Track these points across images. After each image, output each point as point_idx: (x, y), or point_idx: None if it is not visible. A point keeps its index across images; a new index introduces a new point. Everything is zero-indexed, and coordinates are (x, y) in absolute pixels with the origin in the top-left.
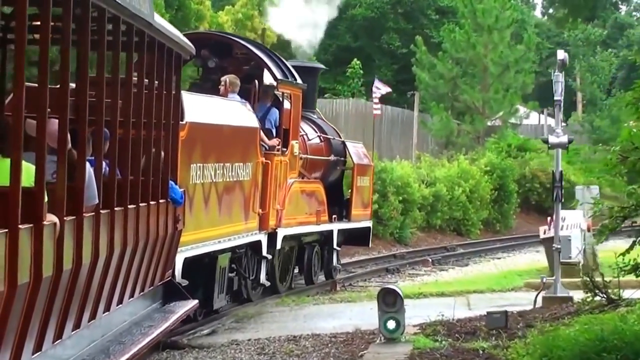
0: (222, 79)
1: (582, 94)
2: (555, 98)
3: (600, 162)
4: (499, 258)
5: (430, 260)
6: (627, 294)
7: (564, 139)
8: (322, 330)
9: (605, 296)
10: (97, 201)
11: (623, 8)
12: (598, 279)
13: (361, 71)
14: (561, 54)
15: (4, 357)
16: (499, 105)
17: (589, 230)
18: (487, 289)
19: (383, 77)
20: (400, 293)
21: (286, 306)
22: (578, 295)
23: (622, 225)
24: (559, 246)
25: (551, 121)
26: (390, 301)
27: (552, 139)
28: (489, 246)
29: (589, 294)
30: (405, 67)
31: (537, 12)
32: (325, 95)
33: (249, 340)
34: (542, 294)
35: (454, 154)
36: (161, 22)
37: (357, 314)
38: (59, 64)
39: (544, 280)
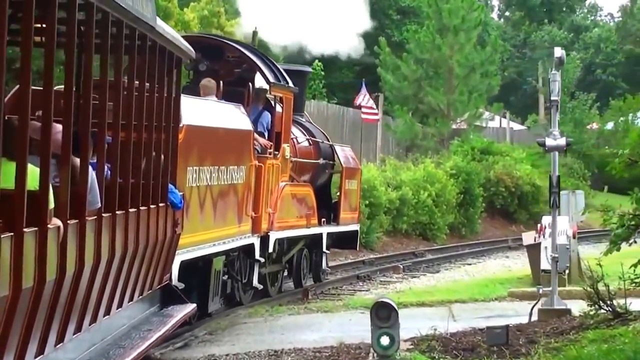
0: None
1: (545, 96)
2: (552, 98)
3: (564, 165)
4: (470, 264)
5: (401, 266)
6: (632, 306)
7: (562, 141)
8: (303, 343)
9: (611, 309)
10: (99, 205)
11: (579, 11)
12: (584, 287)
13: (322, 73)
14: (558, 52)
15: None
16: (464, 108)
17: (574, 236)
18: (470, 299)
19: (345, 79)
20: (395, 307)
21: (259, 316)
22: (572, 305)
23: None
24: (556, 255)
25: (513, 124)
26: (384, 315)
27: (549, 142)
28: (457, 252)
29: (592, 307)
30: (368, 69)
31: (494, 15)
32: None
33: (227, 355)
34: (538, 305)
35: (418, 157)
36: (163, 25)
37: (337, 325)
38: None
39: (540, 291)
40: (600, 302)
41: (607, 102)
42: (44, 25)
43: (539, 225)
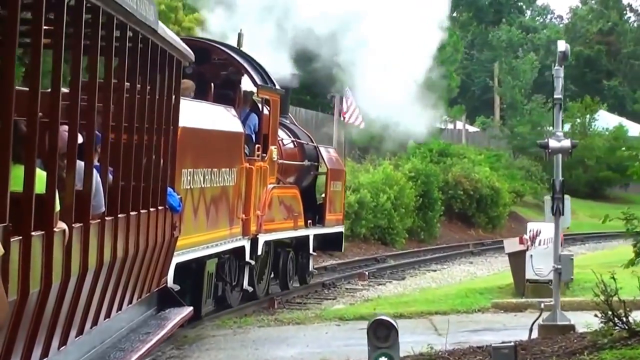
0: None
1: (501, 97)
2: (555, 96)
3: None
4: (434, 270)
5: (366, 273)
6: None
7: (566, 143)
8: None
9: (627, 327)
10: (104, 209)
11: (528, 12)
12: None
13: None
14: (562, 45)
15: None
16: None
17: (561, 244)
18: (451, 310)
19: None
20: (395, 325)
21: (228, 329)
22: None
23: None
24: (559, 266)
25: (467, 126)
26: (382, 334)
27: (553, 143)
28: (419, 257)
29: (606, 324)
30: (324, 68)
31: None
32: None
33: None
34: (539, 321)
35: (375, 158)
36: (164, 28)
37: (313, 339)
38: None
39: (542, 305)
40: (615, 318)
41: (545, 103)
42: (51, 27)
43: (530, 232)
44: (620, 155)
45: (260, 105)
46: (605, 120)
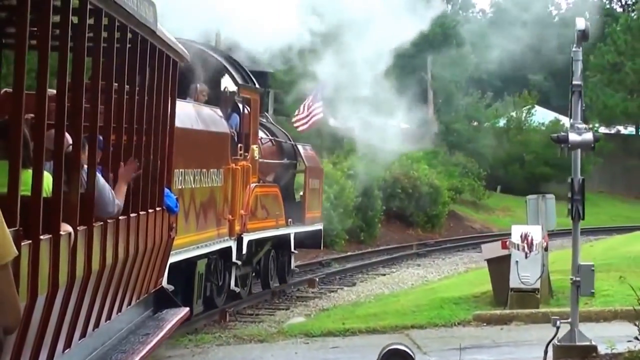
0: None
1: (434, 90)
2: (574, 82)
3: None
4: (383, 274)
5: (317, 280)
6: None
7: (588, 136)
8: None
9: None
10: (110, 209)
11: (449, 7)
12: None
13: None
14: (581, 23)
15: None
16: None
17: (545, 249)
18: (428, 323)
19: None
20: (413, 355)
21: (184, 348)
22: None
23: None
24: (577, 278)
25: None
26: None
27: (574, 137)
28: (363, 261)
29: None
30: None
31: None
32: None
33: None
34: (555, 341)
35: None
36: (162, 29)
37: None
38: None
39: (558, 323)
40: None
41: (481, 99)
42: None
43: (522, 236)
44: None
45: (240, 105)
46: (541, 115)
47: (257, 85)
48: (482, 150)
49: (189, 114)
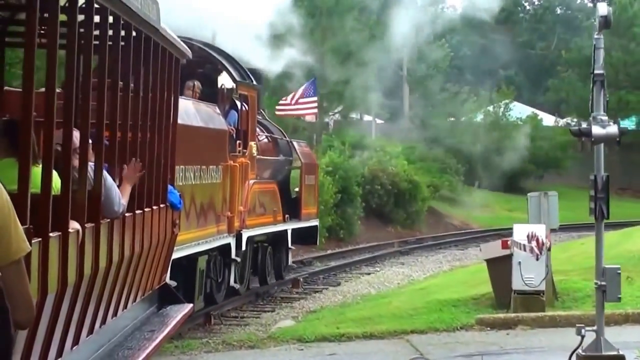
0: None
1: (411, 86)
2: (596, 71)
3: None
4: (368, 274)
5: (300, 280)
6: None
7: (613, 129)
8: None
9: None
10: (116, 208)
11: (419, 1)
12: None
13: None
14: (603, 8)
15: None
16: (340, 99)
17: (549, 249)
18: (429, 328)
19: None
20: None
21: (170, 355)
22: (560, 336)
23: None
24: (603, 282)
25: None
26: None
27: (597, 130)
28: (346, 259)
29: None
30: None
31: None
32: None
33: None
34: (579, 351)
35: None
36: (164, 27)
37: None
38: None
39: (583, 332)
40: None
41: (458, 93)
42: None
43: (530, 234)
44: (536, 145)
45: (238, 102)
46: (519, 110)
47: (254, 82)
48: (459, 146)
49: (188, 110)
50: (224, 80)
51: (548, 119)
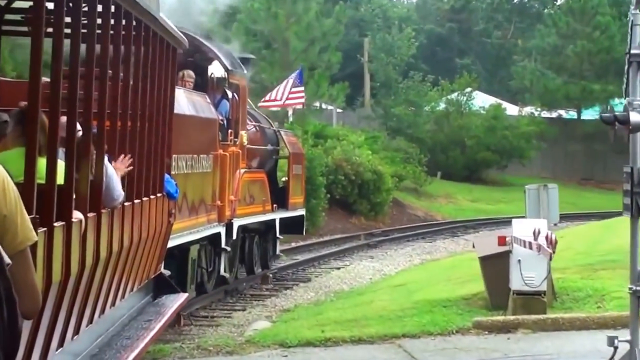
0: None
1: (372, 74)
2: (633, 51)
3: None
4: (337, 268)
5: (270, 276)
6: None
7: None
8: None
9: None
10: (118, 198)
11: None
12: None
13: None
14: None
15: (34, 358)
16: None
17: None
18: (421, 332)
19: None
20: None
21: None
22: (566, 339)
23: None
24: (638, 287)
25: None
26: None
27: (635, 117)
28: (313, 253)
29: None
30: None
31: None
32: None
33: None
34: None
35: None
36: (162, 16)
37: None
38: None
39: (616, 342)
40: None
41: (422, 81)
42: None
43: (536, 230)
44: (500, 135)
45: (229, 92)
46: (481, 99)
47: (244, 71)
48: (421, 135)
49: (180, 100)
50: (215, 69)
51: (511, 109)
